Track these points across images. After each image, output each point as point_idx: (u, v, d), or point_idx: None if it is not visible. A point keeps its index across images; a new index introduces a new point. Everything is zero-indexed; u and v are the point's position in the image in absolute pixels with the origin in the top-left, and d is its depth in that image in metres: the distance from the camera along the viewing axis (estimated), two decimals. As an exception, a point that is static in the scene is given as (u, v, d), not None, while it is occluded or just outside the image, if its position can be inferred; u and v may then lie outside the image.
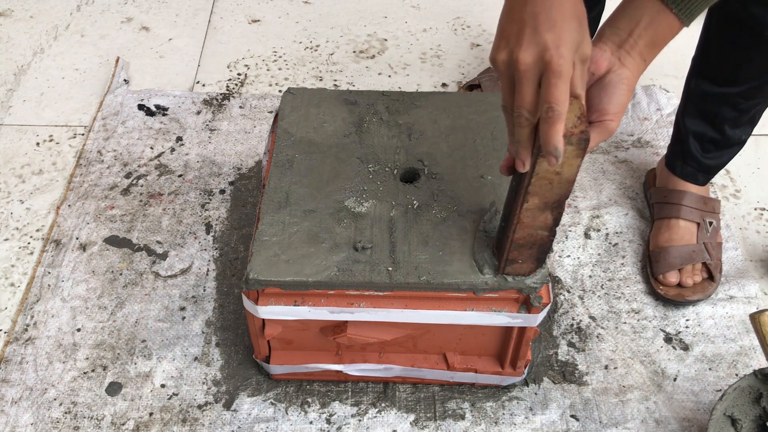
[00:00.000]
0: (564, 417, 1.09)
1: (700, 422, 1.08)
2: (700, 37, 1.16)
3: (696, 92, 1.19)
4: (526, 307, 0.95)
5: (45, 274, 1.24)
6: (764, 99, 1.15)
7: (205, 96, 1.56)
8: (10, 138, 1.48)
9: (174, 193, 1.37)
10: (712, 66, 1.15)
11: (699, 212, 1.25)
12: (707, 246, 1.23)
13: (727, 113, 1.17)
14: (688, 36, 1.70)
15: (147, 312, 1.19)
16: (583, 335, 1.18)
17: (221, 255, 1.28)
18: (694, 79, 1.20)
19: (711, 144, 1.22)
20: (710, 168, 1.25)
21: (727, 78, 1.14)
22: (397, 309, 0.95)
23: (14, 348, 1.15)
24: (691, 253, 1.22)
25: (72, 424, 1.07)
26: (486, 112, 1.11)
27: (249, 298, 0.95)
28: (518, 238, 0.86)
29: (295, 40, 1.73)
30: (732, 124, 1.18)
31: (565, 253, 1.29)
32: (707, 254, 1.23)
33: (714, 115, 1.18)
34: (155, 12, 1.80)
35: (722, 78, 1.14)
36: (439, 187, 1.01)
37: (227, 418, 1.08)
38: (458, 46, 1.71)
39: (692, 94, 1.21)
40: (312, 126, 1.08)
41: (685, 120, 1.23)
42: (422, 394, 1.11)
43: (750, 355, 1.16)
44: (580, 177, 1.41)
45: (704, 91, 1.17)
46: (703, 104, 1.19)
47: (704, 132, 1.21)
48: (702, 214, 1.25)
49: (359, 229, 0.96)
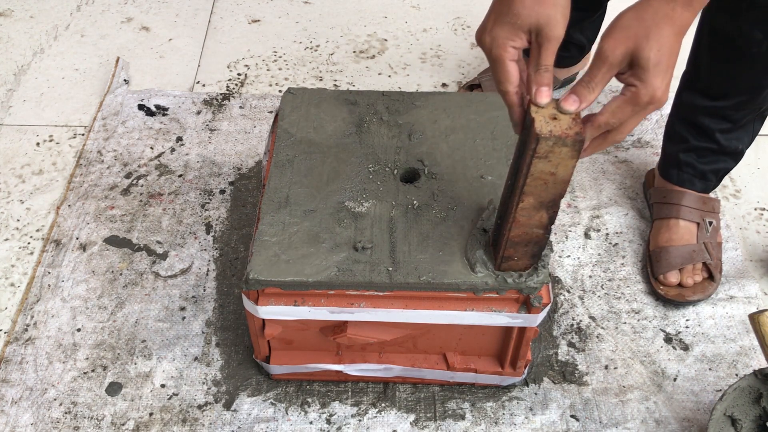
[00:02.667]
0: (564, 417, 1.09)
1: (700, 422, 1.08)
2: (690, 53, 1.17)
3: (687, 105, 1.20)
4: (526, 307, 0.95)
5: (45, 274, 1.24)
6: (755, 110, 1.16)
7: (205, 96, 1.56)
8: (10, 138, 1.48)
9: (174, 193, 1.37)
10: (703, 80, 1.16)
11: (699, 212, 1.25)
12: (707, 246, 1.23)
13: (720, 124, 1.18)
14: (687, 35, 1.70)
15: (147, 312, 1.19)
16: (583, 335, 1.18)
17: (221, 255, 1.28)
18: (684, 92, 1.21)
19: (706, 151, 1.22)
20: (706, 173, 1.24)
21: (717, 92, 1.15)
22: (397, 309, 0.95)
23: (14, 348, 1.15)
24: (691, 253, 1.22)
25: (72, 424, 1.07)
26: (486, 112, 1.11)
27: (249, 298, 0.95)
28: (514, 236, 0.86)
29: (295, 40, 1.73)
30: (725, 132, 1.19)
31: (565, 253, 1.29)
32: (707, 254, 1.23)
33: (706, 126, 1.19)
34: (155, 12, 1.80)
35: (712, 92, 1.15)
36: (439, 187, 1.01)
37: (227, 418, 1.08)
38: (458, 46, 1.71)
39: (683, 106, 1.22)
40: (312, 126, 1.08)
41: (678, 131, 1.23)
42: (422, 394, 1.11)
43: (750, 355, 1.16)
44: (580, 177, 1.41)
45: (695, 105, 1.18)
46: (695, 116, 1.20)
47: (698, 142, 1.21)
48: (702, 214, 1.25)
49: (359, 229, 0.96)
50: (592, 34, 1.47)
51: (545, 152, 0.75)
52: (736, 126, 1.18)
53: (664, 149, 1.28)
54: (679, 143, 1.24)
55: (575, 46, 1.48)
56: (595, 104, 1.55)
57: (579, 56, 1.51)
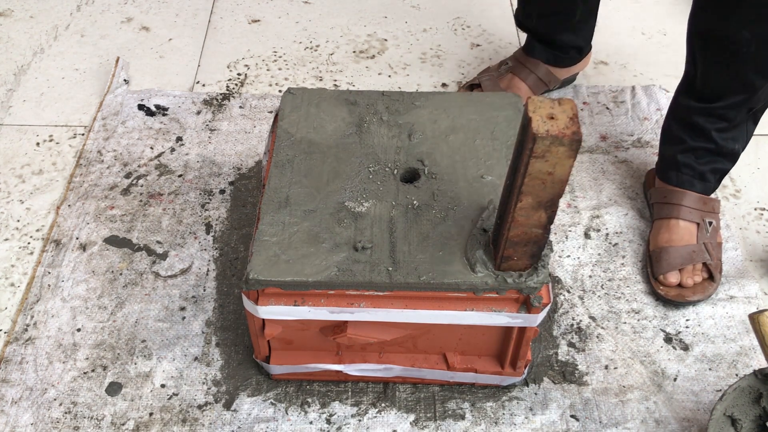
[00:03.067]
0: (564, 417, 1.09)
1: (700, 422, 1.08)
2: (686, 58, 1.19)
3: (683, 107, 1.22)
4: (526, 307, 0.95)
5: (45, 274, 1.24)
6: (748, 110, 1.17)
7: (205, 96, 1.56)
8: (10, 138, 1.48)
9: (174, 193, 1.37)
10: (699, 84, 1.17)
11: (699, 212, 1.25)
12: (707, 246, 1.23)
13: (715, 123, 1.19)
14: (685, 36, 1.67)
15: (147, 312, 1.19)
16: (583, 335, 1.18)
17: (221, 255, 1.28)
18: (681, 95, 1.22)
19: (703, 151, 1.23)
20: (704, 174, 1.25)
21: (712, 94, 1.16)
22: (397, 309, 0.95)
23: (14, 348, 1.15)
24: (691, 254, 1.22)
25: (72, 424, 1.07)
26: (486, 112, 1.11)
27: (249, 298, 0.95)
28: (513, 236, 0.86)
29: (295, 40, 1.73)
30: (721, 132, 1.20)
31: (565, 253, 1.29)
32: (707, 254, 1.23)
33: (702, 125, 1.20)
34: (155, 12, 1.80)
35: (707, 94, 1.17)
36: (439, 187, 1.01)
37: (227, 418, 1.08)
38: (458, 46, 1.71)
39: (679, 108, 1.23)
40: (312, 126, 1.08)
41: (674, 132, 1.24)
42: (422, 394, 1.11)
43: (750, 355, 1.16)
44: (580, 177, 1.41)
45: (690, 106, 1.20)
46: (690, 117, 1.21)
47: (695, 142, 1.22)
48: (702, 214, 1.25)
49: (359, 229, 0.96)
50: (588, 34, 1.49)
51: (542, 152, 0.75)
52: (731, 125, 1.19)
53: (662, 153, 1.29)
54: (677, 144, 1.24)
55: (573, 48, 1.48)
56: (586, 117, 1.55)
57: (578, 57, 1.51)
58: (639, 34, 1.75)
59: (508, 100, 1.13)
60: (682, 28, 1.20)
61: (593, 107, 1.54)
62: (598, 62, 1.66)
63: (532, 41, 1.50)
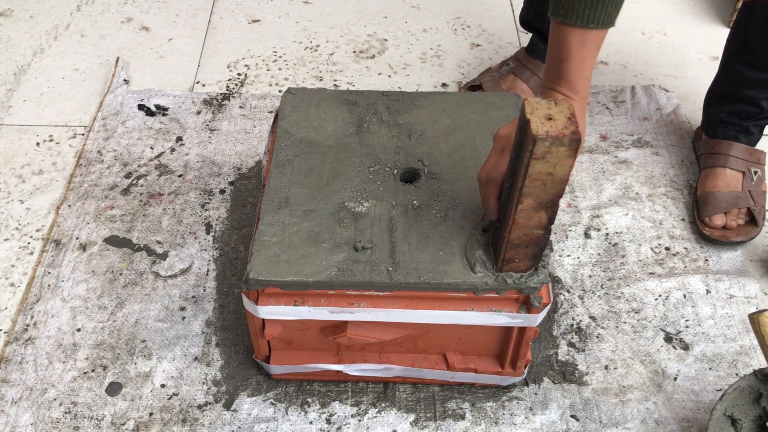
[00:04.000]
0: (564, 417, 1.09)
1: (700, 422, 1.08)
2: (735, 26, 1.26)
3: (734, 76, 1.28)
4: (526, 307, 0.95)
5: (45, 274, 1.24)
6: None
7: (205, 96, 1.56)
8: (10, 138, 1.48)
9: (174, 193, 1.37)
10: (756, 54, 1.23)
11: (744, 162, 1.31)
12: (752, 193, 1.30)
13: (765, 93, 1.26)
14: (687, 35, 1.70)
15: (147, 312, 1.19)
16: (583, 335, 1.18)
17: (221, 255, 1.28)
18: (731, 63, 1.28)
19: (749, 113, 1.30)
20: (749, 128, 1.32)
21: None
22: (397, 309, 0.95)
23: (14, 348, 1.15)
24: (736, 199, 1.29)
25: (72, 424, 1.07)
26: (486, 112, 1.11)
27: (249, 298, 0.95)
28: (514, 238, 0.86)
29: (295, 40, 1.73)
30: None
31: (565, 253, 1.29)
32: (752, 200, 1.29)
33: (752, 96, 1.27)
34: (155, 12, 1.80)
35: (763, 64, 1.23)
36: (439, 187, 1.01)
37: (227, 418, 1.08)
38: (458, 46, 1.71)
39: (729, 76, 1.29)
40: (312, 126, 1.08)
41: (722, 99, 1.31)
42: (422, 394, 1.11)
43: (750, 355, 1.16)
44: (580, 177, 1.41)
45: (744, 76, 1.26)
46: (741, 86, 1.27)
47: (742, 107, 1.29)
48: (747, 164, 1.31)
49: (359, 229, 0.96)
50: None
51: (542, 153, 0.75)
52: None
53: (707, 114, 1.36)
54: (723, 107, 1.31)
55: None
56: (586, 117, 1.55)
57: None
58: (639, 34, 1.75)
59: (509, 100, 1.13)
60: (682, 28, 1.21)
61: (593, 107, 1.54)
62: (598, 62, 1.66)
63: (535, 42, 1.50)
